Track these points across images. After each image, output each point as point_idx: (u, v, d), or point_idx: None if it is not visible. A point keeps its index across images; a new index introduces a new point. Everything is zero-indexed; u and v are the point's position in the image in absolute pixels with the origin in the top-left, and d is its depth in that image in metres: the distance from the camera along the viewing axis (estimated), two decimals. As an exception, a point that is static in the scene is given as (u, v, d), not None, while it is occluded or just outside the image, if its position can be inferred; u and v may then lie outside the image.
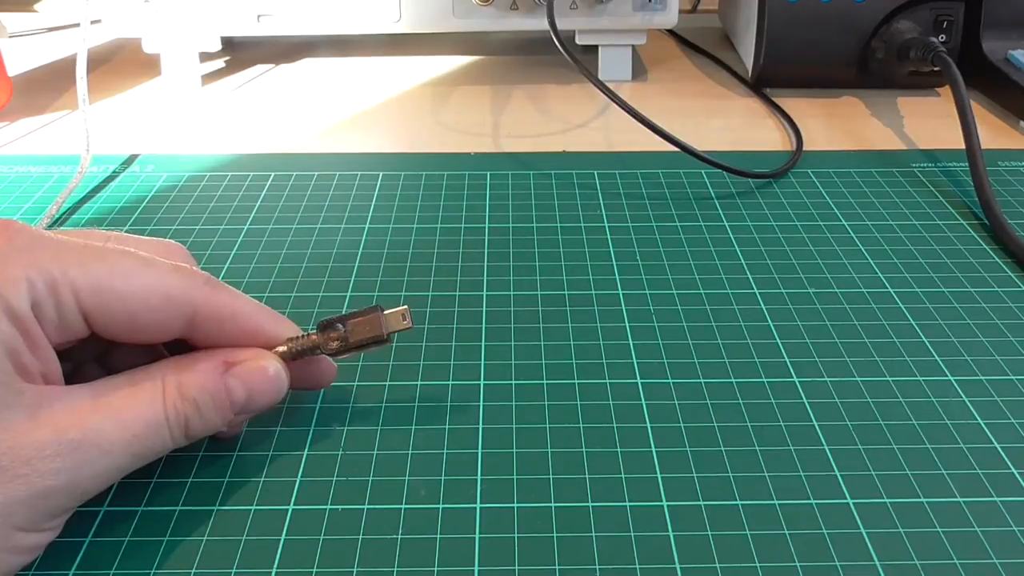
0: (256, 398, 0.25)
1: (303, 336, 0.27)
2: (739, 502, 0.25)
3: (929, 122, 0.51)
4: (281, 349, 0.26)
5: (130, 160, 0.46)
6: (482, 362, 0.31)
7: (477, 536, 0.24)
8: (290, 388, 0.26)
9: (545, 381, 0.30)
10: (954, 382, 0.30)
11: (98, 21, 0.53)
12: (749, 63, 0.57)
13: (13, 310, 0.21)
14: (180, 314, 0.24)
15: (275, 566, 0.23)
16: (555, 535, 0.24)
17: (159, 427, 0.23)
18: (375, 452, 0.27)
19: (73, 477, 0.21)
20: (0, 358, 0.21)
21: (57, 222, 0.40)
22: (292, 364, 0.26)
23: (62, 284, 0.22)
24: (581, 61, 0.47)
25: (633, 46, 0.58)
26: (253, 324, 0.26)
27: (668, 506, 0.25)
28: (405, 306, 0.27)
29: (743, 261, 0.37)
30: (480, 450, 0.27)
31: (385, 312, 0.27)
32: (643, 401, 0.29)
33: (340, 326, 0.27)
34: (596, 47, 0.57)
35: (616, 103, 0.44)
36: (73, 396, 0.22)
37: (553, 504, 0.25)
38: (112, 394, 0.23)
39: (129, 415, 0.23)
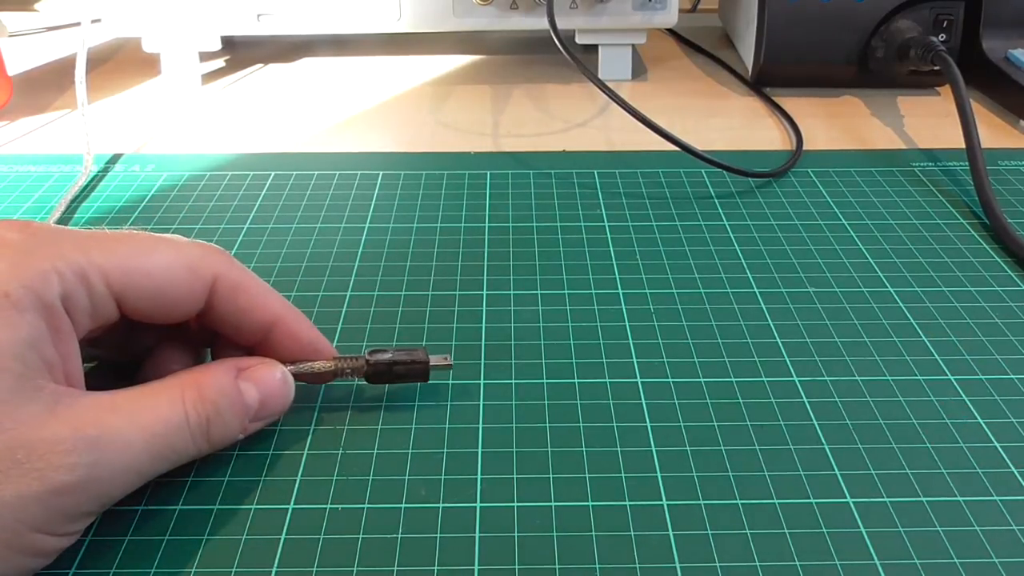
0: (268, 403, 0.26)
1: (317, 363, 0.28)
2: (739, 501, 0.25)
3: (929, 121, 0.51)
4: (291, 368, 0.27)
5: (130, 159, 0.46)
6: (482, 362, 0.31)
7: (477, 535, 0.24)
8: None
9: (545, 381, 0.30)
10: (954, 381, 0.30)
11: (98, 20, 0.53)
12: (749, 62, 0.57)
13: (43, 302, 0.22)
14: (203, 283, 0.25)
15: (275, 566, 0.23)
16: (555, 534, 0.24)
17: (180, 427, 0.23)
18: (375, 452, 0.27)
19: (90, 473, 0.21)
20: (26, 351, 0.21)
21: (60, 222, 0.40)
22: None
23: (90, 270, 0.23)
24: (581, 60, 0.47)
25: (633, 45, 0.58)
26: (263, 299, 0.27)
27: (668, 505, 0.25)
28: (447, 357, 0.29)
29: (743, 261, 0.37)
30: (480, 450, 0.27)
31: (432, 363, 0.28)
32: (643, 400, 0.29)
33: (387, 356, 0.28)
34: (596, 46, 0.57)
35: (616, 102, 0.44)
36: (92, 397, 0.22)
37: (553, 503, 0.25)
38: (131, 397, 0.23)
39: (148, 416, 0.23)
